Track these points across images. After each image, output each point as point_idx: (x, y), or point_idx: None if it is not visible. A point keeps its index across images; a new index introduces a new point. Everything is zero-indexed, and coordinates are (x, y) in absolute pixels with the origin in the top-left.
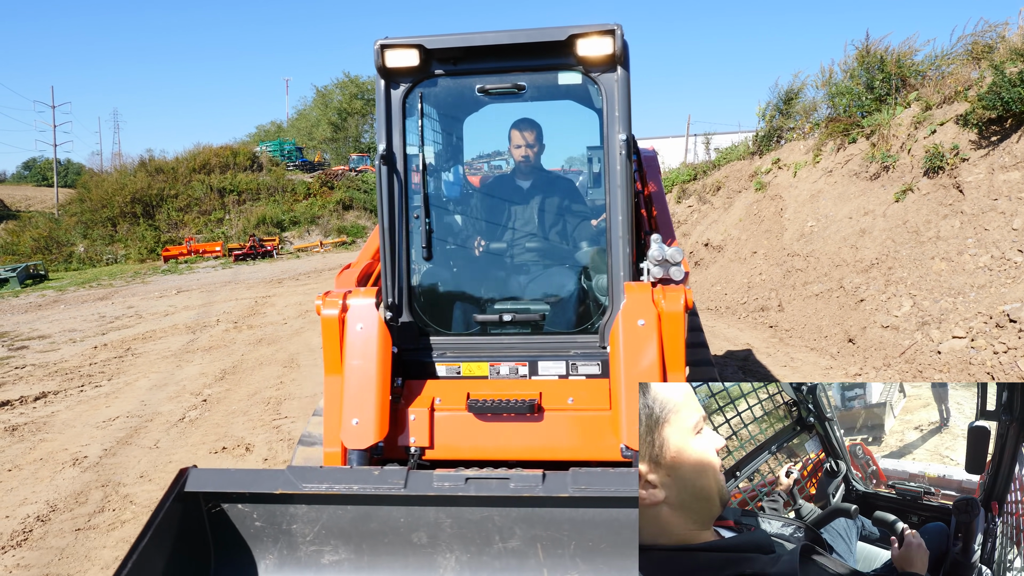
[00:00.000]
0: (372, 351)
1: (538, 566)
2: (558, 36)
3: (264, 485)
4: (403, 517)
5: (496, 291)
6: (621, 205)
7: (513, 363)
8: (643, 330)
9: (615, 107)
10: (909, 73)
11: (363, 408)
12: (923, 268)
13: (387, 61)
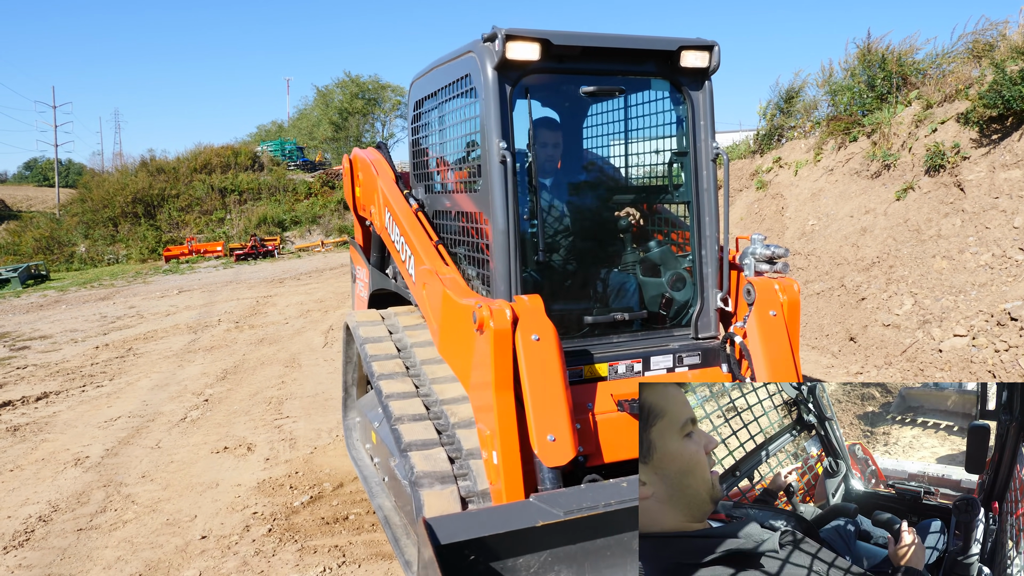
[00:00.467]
0: (554, 361)
1: None
2: (669, 46)
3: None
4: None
5: (594, 292)
6: (708, 206)
7: (629, 361)
8: (774, 320)
9: (704, 116)
10: (910, 71)
11: (557, 423)
12: (924, 266)
13: (509, 52)
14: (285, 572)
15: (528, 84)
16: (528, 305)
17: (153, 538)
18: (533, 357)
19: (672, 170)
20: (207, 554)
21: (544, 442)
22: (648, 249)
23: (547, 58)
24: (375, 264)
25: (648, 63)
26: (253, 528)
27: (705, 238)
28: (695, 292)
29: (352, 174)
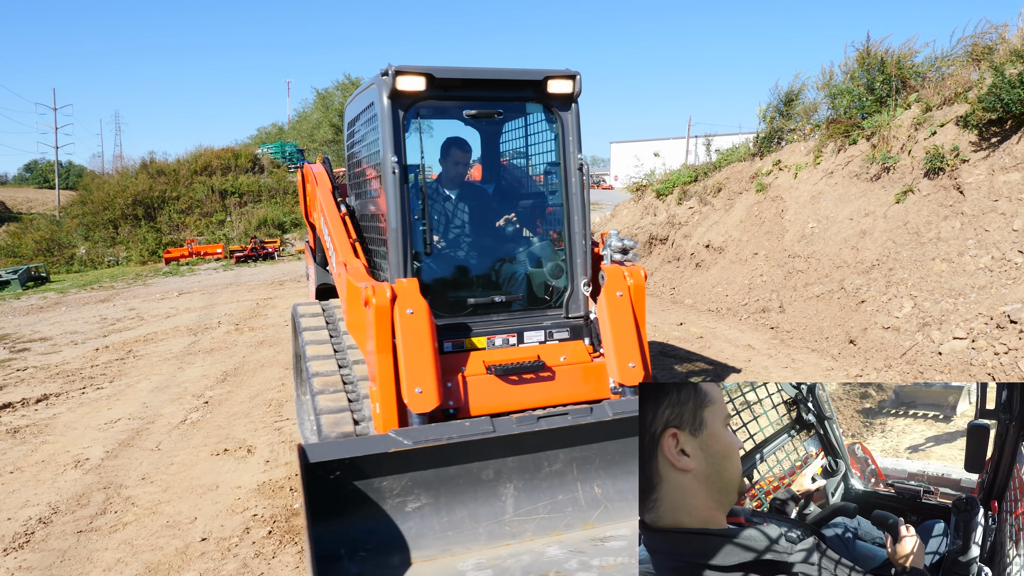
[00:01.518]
0: (424, 329)
1: (573, 481)
2: (536, 76)
3: (376, 448)
4: (475, 460)
5: (481, 279)
6: (578, 209)
7: (505, 335)
8: (621, 299)
9: (572, 133)
10: (909, 74)
11: (424, 378)
12: (924, 269)
13: (399, 85)
14: (285, 574)
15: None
16: (405, 286)
17: (153, 540)
18: (407, 327)
19: (547, 179)
20: (207, 556)
21: (413, 393)
22: (531, 245)
23: (433, 88)
24: (319, 263)
25: (525, 90)
26: (253, 530)
27: (574, 234)
28: (567, 279)
29: (303, 185)
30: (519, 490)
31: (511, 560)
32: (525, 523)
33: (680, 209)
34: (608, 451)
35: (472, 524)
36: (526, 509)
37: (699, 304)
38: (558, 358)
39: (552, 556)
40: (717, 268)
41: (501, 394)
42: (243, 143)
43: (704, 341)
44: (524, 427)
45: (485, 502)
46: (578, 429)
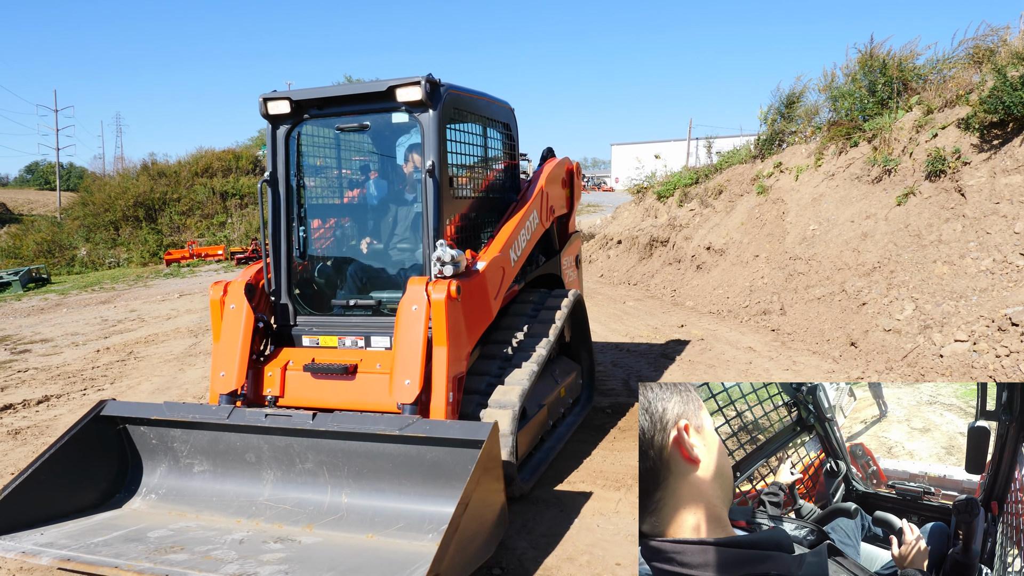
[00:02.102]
0: (239, 322)
1: (324, 484)
2: (381, 87)
3: (152, 413)
4: (238, 442)
5: (346, 282)
6: (430, 214)
7: (353, 337)
8: (415, 313)
9: (428, 139)
10: (911, 77)
11: (228, 364)
12: (925, 271)
13: (269, 110)
14: None
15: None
16: (233, 284)
17: None
18: (226, 318)
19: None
20: None
21: (217, 376)
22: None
23: (299, 110)
24: None
25: (383, 101)
26: None
27: (429, 239)
28: None
29: None
30: (277, 479)
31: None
32: (270, 508)
33: (681, 211)
34: (355, 462)
35: (234, 496)
36: (279, 497)
37: (700, 306)
38: (375, 365)
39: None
40: (718, 270)
41: (312, 390)
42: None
43: (705, 343)
44: (252, 420)
45: (249, 481)
46: (330, 433)
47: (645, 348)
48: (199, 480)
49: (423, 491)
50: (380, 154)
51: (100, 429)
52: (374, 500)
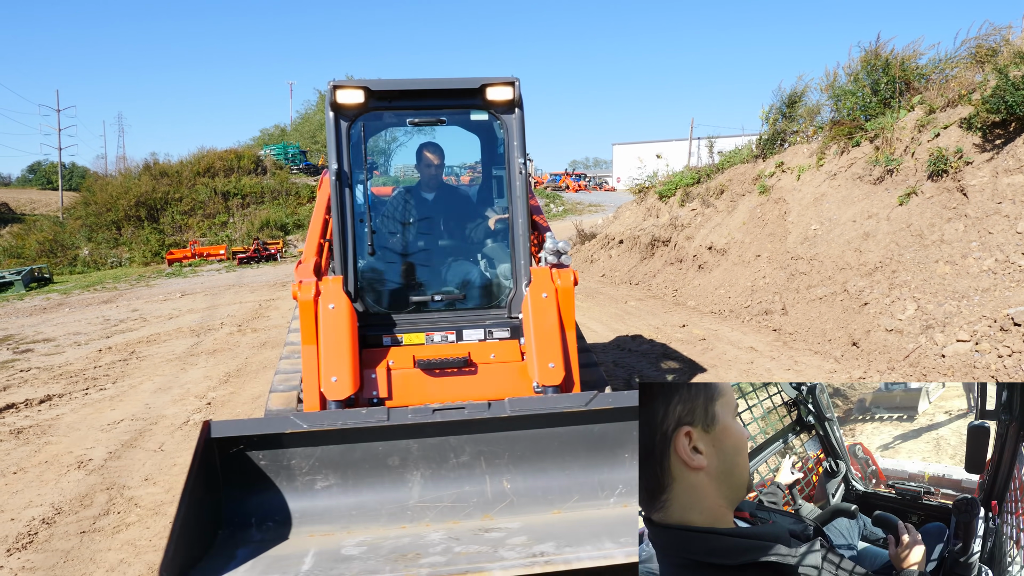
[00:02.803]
0: (344, 323)
1: (482, 474)
2: (473, 84)
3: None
4: (381, 446)
5: (425, 279)
6: (520, 211)
7: (443, 332)
8: (546, 301)
9: (514, 139)
10: (913, 76)
11: (340, 368)
12: (927, 271)
13: (338, 99)
14: None
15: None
16: (329, 284)
17: (156, 541)
18: (327, 320)
19: (492, 183)
20: None
21: (328, 382)
22: (481, 245)
23: (373, 100)
24: None
25: (467, 98)
26: None
27: (518, 236)
28: (512, 279)
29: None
30: (426, 478)
31: (390, 541)
32: (427, 509)
33: (683, 211)
34: (517, 447)
35: (377, 506)
36: (432, 496)
37: (701, 306)
38: (488, 356)
39: (429, 540)
40: (720, 270)
41: (425, 387)
42: (246, 144)
43: (707, 343)
44: (418, 418)
45: (391, 486)
46: (486, 423)
47: (647, 348)
48: (325, 497)
49: (589, 463)
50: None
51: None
52: (539, 481)
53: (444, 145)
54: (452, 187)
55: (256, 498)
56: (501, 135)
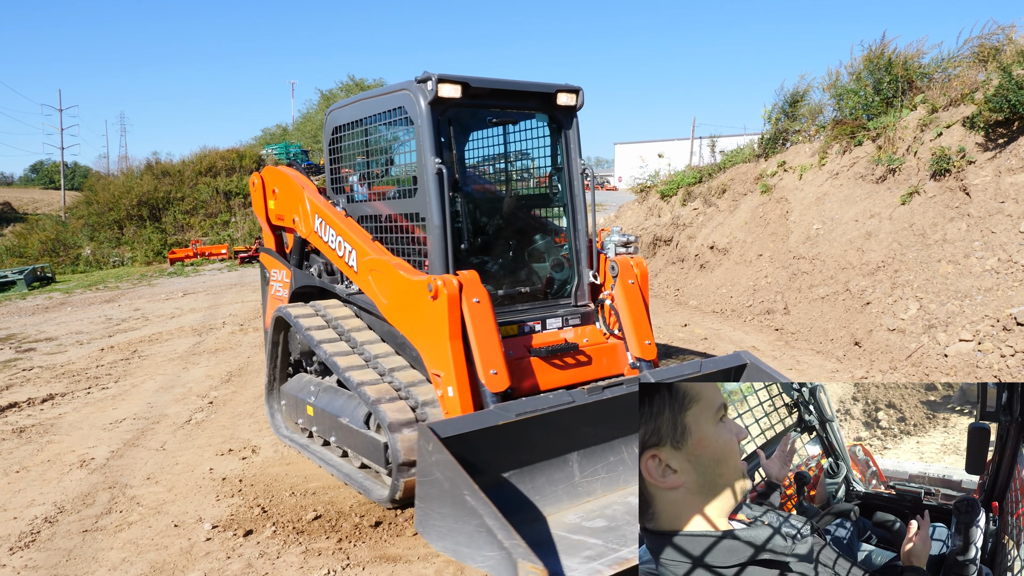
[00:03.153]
0: (489, 316)
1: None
2: (549, 89)
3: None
4: (552, 431)
5: (505, 273)
6: (580, 208)
7: (532, 323)
8: (633, 287)
9: (574, 140)
10: (915, 75)
11: (497, 360)
12: (930, 271)
13: (441, 92)
14: (290, 574)
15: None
16: (468, 277)
17: (158, 540)
18: (475, 314)
19: (552, 182)
20: (212, 556)
21: (488, 375)
22: (546, 242)
23: (466, 96)
24: (296, 265)
25: (535, 101)
26: (257, 530)
27: (578, 231)
28: (572, 272)
29: (264, 189)
30: (582, 456)
31: (608, 510)
32: (592, 483)
33: (684, 210)
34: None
35: (551, 488)
36: (589, 471)
37: (703, 306)
38: (582, 340)
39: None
40: (721, 269)
41: (544, 374)
42: (247, 144)
43: (708, 343)
44: (595, 396)
45: (557, 468)
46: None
47: None
48: (509, 487)
49: None
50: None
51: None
52: None
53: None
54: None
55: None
56: (554, 136)
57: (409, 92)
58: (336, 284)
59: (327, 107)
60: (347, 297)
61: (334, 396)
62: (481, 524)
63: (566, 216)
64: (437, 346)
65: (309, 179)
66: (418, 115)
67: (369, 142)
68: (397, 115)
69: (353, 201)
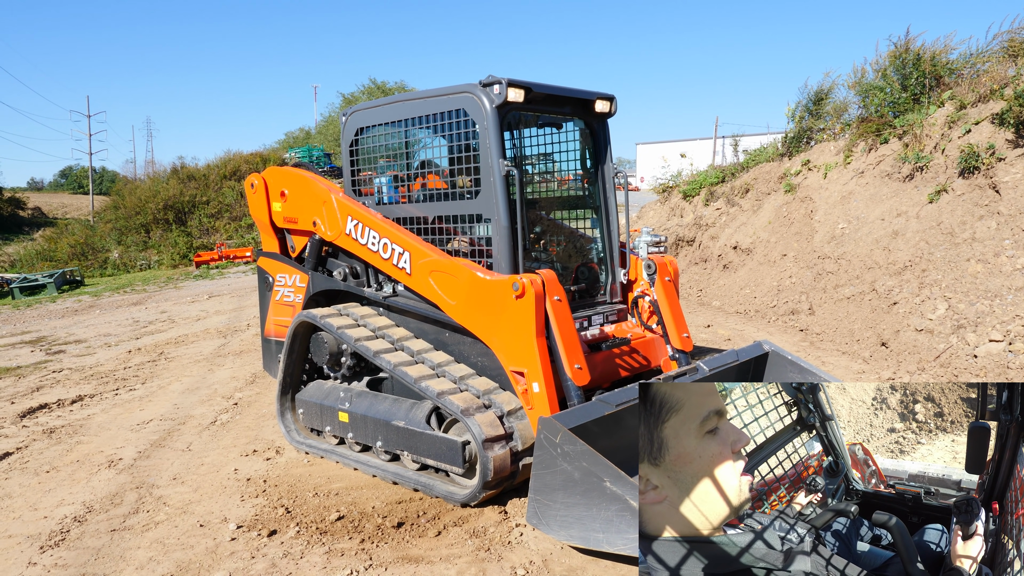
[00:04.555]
0: (569, 314)
1: None
2: (590, 96)
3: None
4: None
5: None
6: (613, 210)
7: (580, 320)
8: (669, 284)
9: (606, 146)
10: (943, 71)
11: (579, 356)
12: (958, 270)
13: (509, 96)
14: (313, 574)
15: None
16: (549, 276)
17: (184, 539)
18: (559, 312)
19: (586, 185)
20: (236, 556)
21: (573, 369)
22: (573, 242)
23: (526, 101)
24: (313, 268)
25: (573, 107)
26: (281, 531)
27: (611, 232)
28: (606, 271)
29: (267, 190)
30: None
31: None
32: None
33: (707, 210)
34: None
35: None
36: None
37: (727, 306)
38: (627, 335)
39: None
40: (745, 270)
41: (600, 367)
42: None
43: (732, 343)
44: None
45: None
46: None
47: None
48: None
49: None
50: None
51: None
52: None
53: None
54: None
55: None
56: (587, 141)
57: (473, 95)
58: (363, 287)
59: None
60: (383, 300)
61: (375, 401)
62: (625, 507)
63: (599, 217)
64: (520, 344)
65: (330, 181)
66: (484, 117)
67: (410, 143)
68: (454, 117)
69: (381, 203)
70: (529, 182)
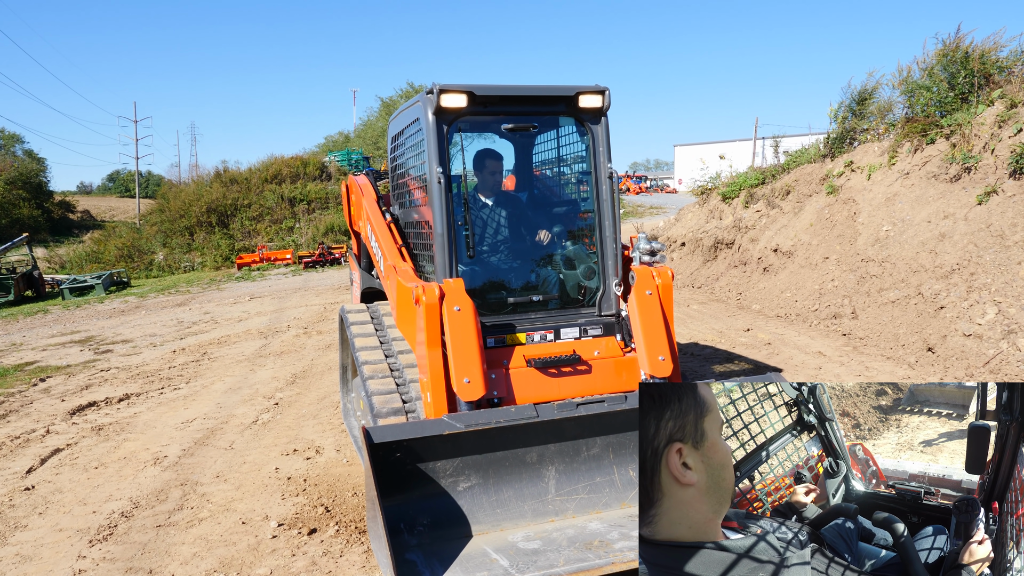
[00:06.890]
0: (470, 325)
1: (609, 464)
2: (569, 92)
3: (432, 430)
4: (520, 445)
5: (518, 280)
6: (608, 214)
7: (542, 331)
8: (650, 298)
9: (601, 145)
10: (993, 69)
11: (472, 370)
12: (1009, 274)
13: (443, 102)
14: (352, 573)
15: (464, 124)
16: (452, 285)
17: (227, 536)
18: (454, 323)
19: (579, 187)
20: (278, 553)
21: (461, 383)
22: (565, 248)
23: (474, 105)
24: (364, 268)
25: (557, 105)
26: (321, 529)
27: (605, 238)
28: (599, 279)
29: (347, 195)
30: (560, 472)
31: (556, 533)
32: (566, 502)
33: (747, 212)
34: None
35: (518, 503)
36: (567, 490)
37: (767, 310)
38: (592, 352)
39: (594, 529)
40: (786, 273)
41: (541, 386)
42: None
43: (772, 348)
44: (565, 412)
45: (529, 483)
46: (613, 416)
47: (710, 352)
48: (468, 497)
49: None
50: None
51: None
52: None
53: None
54: (511, 193)
55: (404, 503)
56: (586, 141)
57: (420, 103)
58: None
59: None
60: None
61: None
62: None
63: (595, 222)
64: (419, 351)
65: (374, 188)
66: (425, 124)
67: (410, 151)
68: (416, 125)
69: (404, 207)
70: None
